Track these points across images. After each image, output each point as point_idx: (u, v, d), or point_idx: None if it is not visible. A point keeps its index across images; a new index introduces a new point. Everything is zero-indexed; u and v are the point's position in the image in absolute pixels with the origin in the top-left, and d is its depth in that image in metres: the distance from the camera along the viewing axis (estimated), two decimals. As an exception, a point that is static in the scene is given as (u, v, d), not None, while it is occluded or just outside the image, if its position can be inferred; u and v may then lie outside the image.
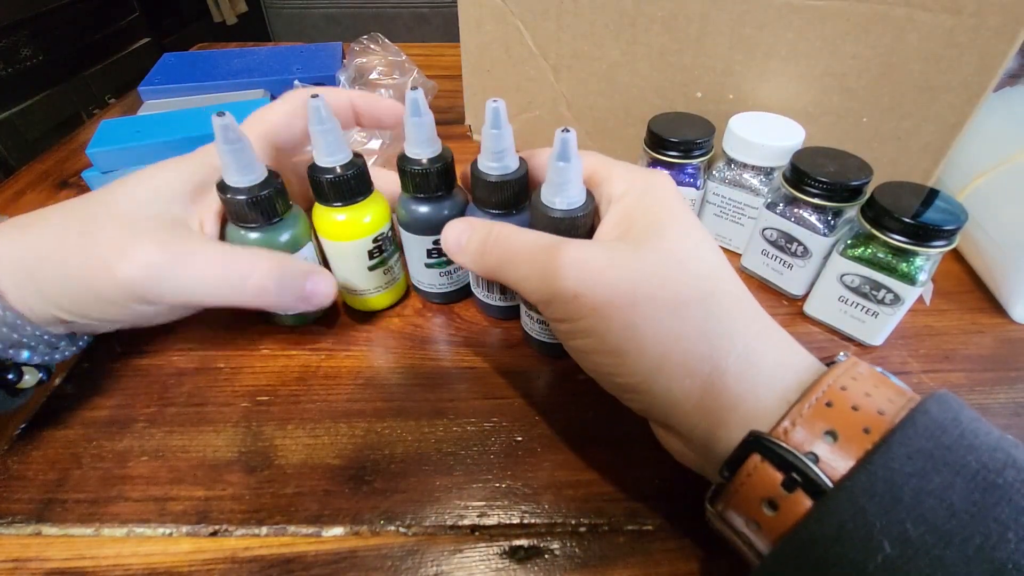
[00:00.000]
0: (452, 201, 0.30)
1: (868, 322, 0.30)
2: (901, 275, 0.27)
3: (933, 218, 0.26)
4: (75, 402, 0.28)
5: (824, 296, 0.31)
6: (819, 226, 0.30)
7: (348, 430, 0.27)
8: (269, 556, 0.22)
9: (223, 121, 0.24)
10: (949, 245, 0.26)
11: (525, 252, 0.22)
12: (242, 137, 0.25)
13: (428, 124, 0.27)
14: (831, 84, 0.33)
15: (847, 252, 0.29)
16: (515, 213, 0.28)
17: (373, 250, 0.30)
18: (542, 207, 0.24)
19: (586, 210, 0.24)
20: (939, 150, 0.33)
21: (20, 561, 0.22)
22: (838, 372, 0.18)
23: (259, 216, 0.27)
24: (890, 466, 0.15)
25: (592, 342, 0.21)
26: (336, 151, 0.27)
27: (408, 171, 0.28)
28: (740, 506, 0.18)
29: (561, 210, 0.24)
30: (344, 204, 0.28)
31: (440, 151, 0.28)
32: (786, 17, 0.32)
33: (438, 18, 1.41)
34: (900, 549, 0.14)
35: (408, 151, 0.28)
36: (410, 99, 0.26)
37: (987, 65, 0.30)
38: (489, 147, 0.26)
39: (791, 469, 0.17)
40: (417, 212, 0.29)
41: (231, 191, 0.26)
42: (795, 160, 0.29)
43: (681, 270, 0.20)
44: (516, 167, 0.27)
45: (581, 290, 0.20)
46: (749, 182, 0.34)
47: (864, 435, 0.17)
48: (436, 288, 0.33)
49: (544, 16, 0.38)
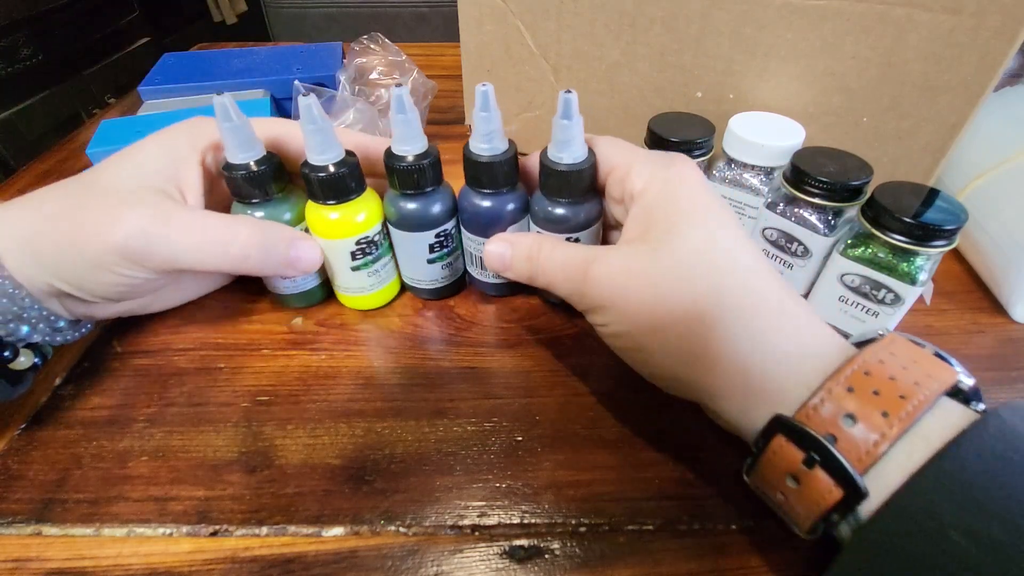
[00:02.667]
0: (441, 195, 0.30)
1: (868, 322, 0.30)
2: (901, 275, 0.27)
3: (933, 218, 0.26)
4: (75, 402, 0.28)
5: (824, 296, 0.31)
6: (819, 226, 0.30)
7: (348, 430, 0.27)
8: (269, 556, 0.22)
9: (222, 100, 0.25)
10: (949, 245, 0.26)
11: (563, 271, 0.25)
12: (240, 116, 0.26)
13: (414, 121, 0.27)
14: (831, 84, 0.33)
15: (847, 252, 0.29)
16: (506, 192, 0.29)
17: (356, 252, 0.30)
18: (550, 163, 0.27)
19: (589, 163, 0.27)
20: (939, 150, 0.33)
21: (20, 561, 0.22)
22: (873, 349, 0.19)
23: (258, 191, 0.28)
24: (961, 463, 0.16)
25: (624, 341, 0.24)
26: (328, 149, 0.27)
27: (396, 168, 0.28)
28: (767, 479, 0.20)
29: (566, 164, 0.27)
30: (333, 202, 0.29)
31: (427, 147, 0.28)
32: (786, 17, 0.32)
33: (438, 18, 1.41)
34: (972, 542, 0.15)
35: (395, 148, 0.28)
36: (395, 96, 0.26)
37: (987, 65, 0.29)
38: (479, 129, 0.27)
39: (810, 448, 0.18)
40: (407, 209, 0.30)
41: (231, 168, 0.28)
42: (795, 160, 0.29)
43: (696, 269, 0.21)
44: (506, 148, 0.28)
45: (607, 302, 0.23)
46: (750, 182, 0.34)
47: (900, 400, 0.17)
48: (438, 283, 0.33)
49: (544, 16, 0.38)
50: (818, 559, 0.22)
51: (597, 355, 0.30)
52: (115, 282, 0.26)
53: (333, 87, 0.49)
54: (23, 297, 0.24)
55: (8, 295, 0.24)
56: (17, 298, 0.24)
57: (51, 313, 0.26)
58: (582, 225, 0.29)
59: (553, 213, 0.29)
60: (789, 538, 0.23)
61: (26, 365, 0.25)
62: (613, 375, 0.29)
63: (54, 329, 0.26)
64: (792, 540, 0.22)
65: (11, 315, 0.24)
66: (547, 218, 0.29)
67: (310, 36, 1.40)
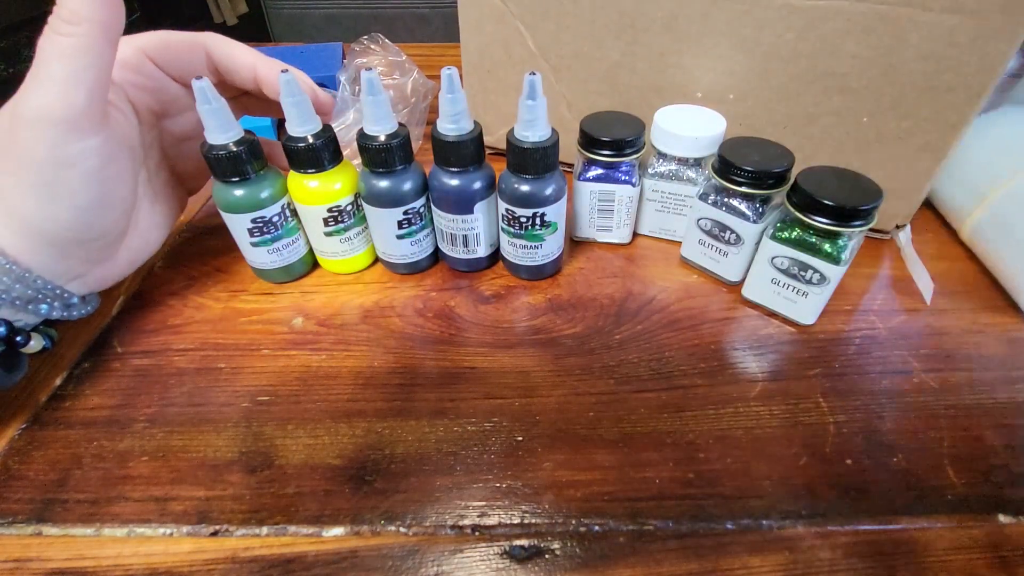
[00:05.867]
0: (412, 174, 0.32)
1: (799, 302, 0.31)
2: (825, 255, 0.29)
3: (853, 200, 0.27)
4: (75, 402, 0.28)
5: (759, 279, 0.32)
6: (748, 214, 0.31)
7: (348, 430, 0.27)
8: (269, 556, 0.22)
9: (200, 84, 0.27)
10: (867, 224, 0.27)
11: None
12: (218, 98, 0.28)
13: (384, 103, 0.29)
14: (831, 84, 0.33)
15: (776, 235, 0.30)
16: (473, 170, 0.31)
17: (328, 219, 0.33)
18: (516, 141, 0.29)
19: (552, 141, 0.29)
20: (939, 150, 0.33)
21: (21, 561, 0.22)
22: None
23: (238, 170, 0.30)
24: None
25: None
26: (307, 121, 0.30)
27: (368, 147, 0.30)
28: None
29: (531, 141, 0.29)
30: (312, 171, 0.31)
31: (396, 127, 0.30)
32: (786, 18, 0.32)
33: (438, 18, 1.41)
34: None
35: (367, 128, 0.30)
36: (366, 79, 0.28)
37: (987, 65, 0.29)
38: (446, 111, 0.29)
39: None
40: (377, 186, 0.31)
41: (211, 148, 0.29)
42: (722, 151, 0.31)
43: None
44: (471, 128, 0.30)
45: None
46: (686, 174, 0.35)
47: None
48: (407, 258, 0.35)
49: (544, 16, 0.38)
50: (818, 559, 0.22)
51: (597, 355, 0.30)
52: (56, 158, 0.24)
53: (333, 87, 0.49)
54: (35, 279, 0.25)
55: (21, 279, 0.25)
56: (29, 280, 0.25)
57: (63, 290, 0.27)
58: (548, 200, 0.31)
59: (519, 190, 0.31)
60: (789, 538, 0.23)
61: (36, 349, 0.27)
62: (613, 375, 0.29)
63: (67, 305, 0.27)
64: (792, 541, 0.23)
65: (27, 298, 0.25)
66: (514, 195, 0.31)
67: (310, 36, 1.40)
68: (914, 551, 0.22)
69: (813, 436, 0.26)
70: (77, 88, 0.24)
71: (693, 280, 0.36)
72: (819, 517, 0.23)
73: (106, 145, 0.26)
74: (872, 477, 0.25)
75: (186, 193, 0.35)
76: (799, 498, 0.24)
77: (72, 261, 0.27)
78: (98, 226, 0.27)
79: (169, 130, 0.32)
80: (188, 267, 0.37)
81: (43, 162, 0.24)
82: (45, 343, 0.27)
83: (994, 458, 0.25)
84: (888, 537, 0.23)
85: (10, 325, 0.25)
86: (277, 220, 0.32)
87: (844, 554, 0.22)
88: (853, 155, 0.35)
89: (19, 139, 0.24)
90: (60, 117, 0.24)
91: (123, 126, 0.28)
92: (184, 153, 0.33)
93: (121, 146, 0.27)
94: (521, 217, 0.32)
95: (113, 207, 0.27)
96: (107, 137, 0.26)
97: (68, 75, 0.23)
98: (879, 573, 0.22)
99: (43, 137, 0.24)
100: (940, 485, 0.25)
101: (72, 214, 0.25)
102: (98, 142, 0.25)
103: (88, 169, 0.25)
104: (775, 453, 0.26)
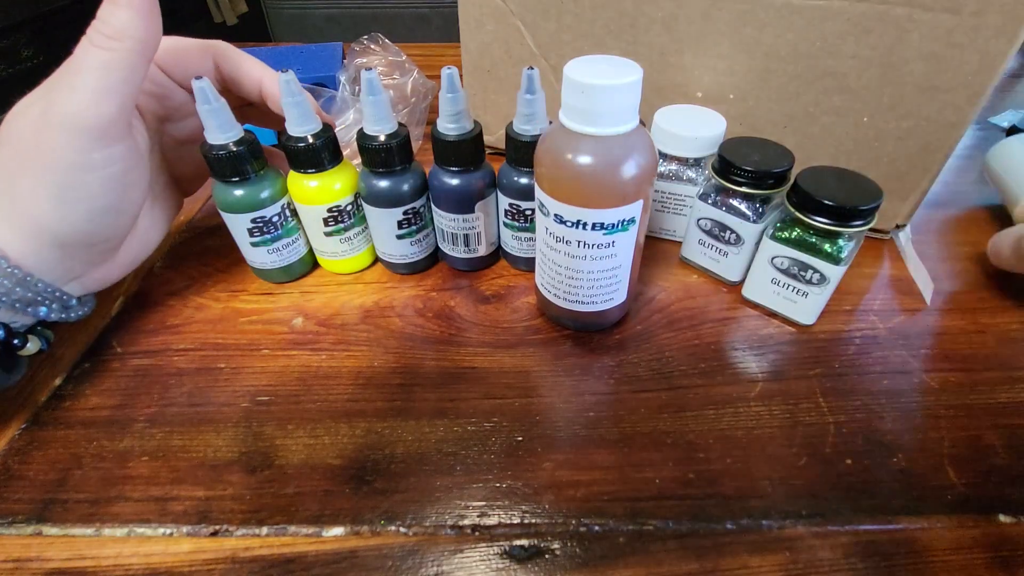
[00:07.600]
0: (412, 174, 0.32)
1: (799, 302, 0.31)
2: (825, 255, 0.29)
3: (852, 200, 0.27)
4: (75, 402, 0.28)
5: (759, 279, 0.32)
6: (748, 214, 0.31)
7: (348, 430, 0.27)
8: (269, 556, 0.22)
9: (201, 84, 0.27)
10: (867, 225, 0.27)
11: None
12: (218, 98, 0.28)
13: (384, 103, 0.29)
14: (831, 84, 0.33)
15: (776, 235, 0.30)
16: (473, 169, 0.31)
17: (328, 218, 0.33)
18: (516, 135, 0.29)
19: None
20: (939, 150, 0.33)
21: (21, 561, 0.22)
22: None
23: (238, 170, 0.30)
24: None
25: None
26: (307, 121, 0.30)
27: (368, 147, 0.30)
28: None
29: (531, 135, 0.29)
30: (312, 171, 0.31)
31: (396, 127, 0.30)
32: (786, 18, 0.32)
33: (438, 18, 1.41)
34: None
35: (367, 128, 0.30)
36: (366, 79, 0.28)
37: (987, 65, 0.29)
38: (446, 110, 0.29)
39: None
40: (377, 186, 0.31)
41: (212, 148, 0.29)
42: (722, 151, 0.31)
43: None
44: (471, 127, 0.30)
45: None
46: (686, 174, 0.35)
47: None
48: (407, 258, 0.35)
49: (544, 16, 0.38)
50: (818, 559, 0.22)
51: (597, 355, 0.30)
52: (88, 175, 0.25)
53: (333, 87, 0.49)
54: (36, 282, 0.25)
55: (23, 283, 0.25)
56: (30, 284, 0.25)
57: (63, 293, 0.27)
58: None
59: (521, 183, 0.31)
60: (789, 538, 0.23)
61: (33, 351, 0.27)
62: (613, 375, 0.29)
63: (66, 308, 0.27)
64: (792, 541, 0.23)
65: (27, 300, 0.25)
66: (516, 188, 0.31)
67: (310, 36, 1.40)
68: (914, 551, 0.22)
69: (813, 436, 0.26)
70: (110, 99, 0.24)
71: (693, 280, 0.36)
72: (819, 517, 0.23)
73: (129, 152, 0.26)
74: (872, 477, 0.25)
75: (183, 195, 0.35)
76: (799, 498, 0.24)
77: (74, 262, 0.27)
78: (110, 229, 0.27)
79: (171, 134, 0.32)
80: (188, 267, 0.37)
81: (68, 166, 0.24)
82: (42, 344, 0.27)
83: (994, 458, 0.25)
84: (888, 537, 0.23)
85: (7, 328, 0.25)
86: (277, 220, 0.32)
87: (844, 554, 0.22)
88: (853, 155, 0.35)
89: (46, 142, 0.24)
90: (91, 125, 0.24)
91: (141, 132, 0.28)
92: (183, 156, 0.33)
93: (141, 153, 0.28)
94: (526, 210, 0.32)
95: (126, 211, 0.27)
96: (130, 144, 0.26)
97: (102, 87, 0.24)
98: (879, 573, 0.22)
99: (71, 142, 0.24)
100: (940, 485, 0.24)
101: (87, 217, 0.26)
102: (122, 149, 0.26)
103: (110, 174, 0.25)
104: (775, 453, 0.26)
